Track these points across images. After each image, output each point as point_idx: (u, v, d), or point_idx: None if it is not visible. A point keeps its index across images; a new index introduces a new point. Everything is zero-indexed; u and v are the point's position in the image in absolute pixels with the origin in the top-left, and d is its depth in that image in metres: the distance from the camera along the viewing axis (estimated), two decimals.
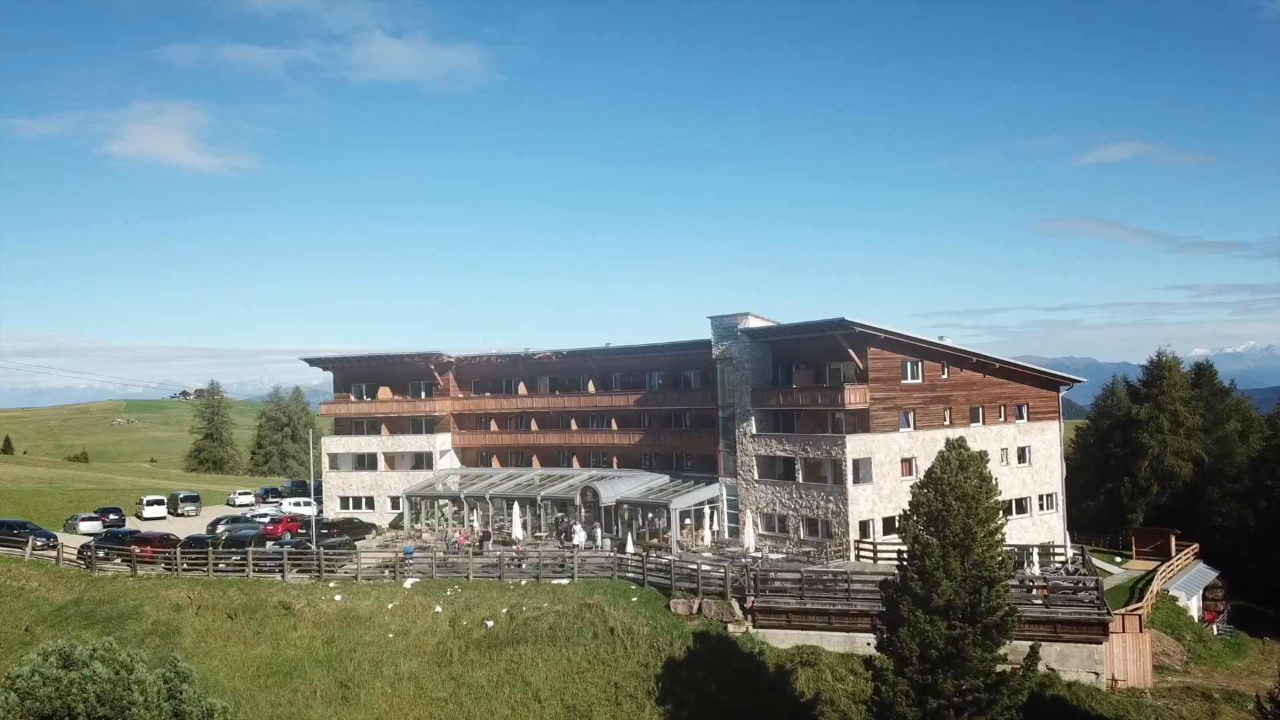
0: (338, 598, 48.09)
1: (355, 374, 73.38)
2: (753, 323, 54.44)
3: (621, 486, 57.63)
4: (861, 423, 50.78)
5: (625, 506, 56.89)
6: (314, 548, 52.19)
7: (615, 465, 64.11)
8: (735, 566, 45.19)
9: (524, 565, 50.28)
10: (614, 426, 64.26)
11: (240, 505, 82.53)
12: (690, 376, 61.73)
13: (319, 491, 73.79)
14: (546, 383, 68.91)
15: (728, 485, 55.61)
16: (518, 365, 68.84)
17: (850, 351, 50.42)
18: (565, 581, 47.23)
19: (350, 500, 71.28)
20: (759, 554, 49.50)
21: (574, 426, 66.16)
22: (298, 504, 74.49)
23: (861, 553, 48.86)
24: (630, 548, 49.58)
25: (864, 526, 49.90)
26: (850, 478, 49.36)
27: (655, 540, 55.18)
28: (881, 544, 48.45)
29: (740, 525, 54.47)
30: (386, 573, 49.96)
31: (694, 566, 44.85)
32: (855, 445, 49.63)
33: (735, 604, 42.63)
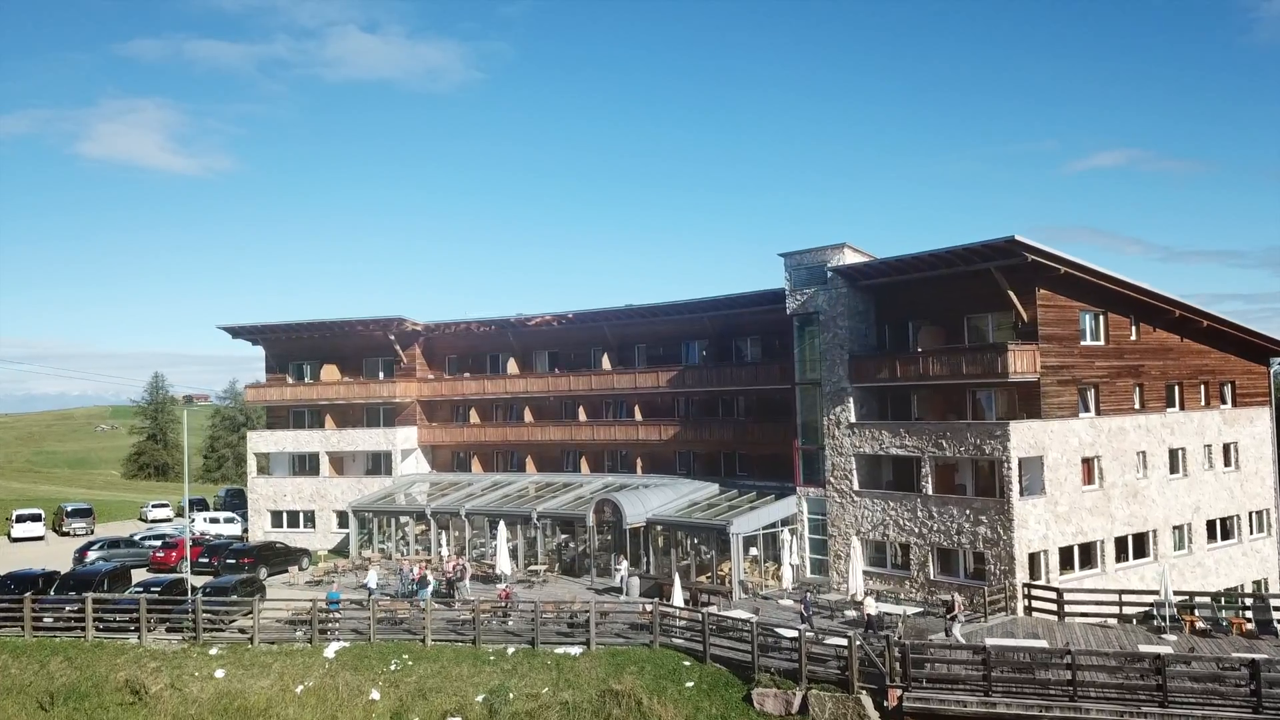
0: (219, 673, 30.68)
1: (293, 348, 55.93)
2: (850, 258, 37.17)
3: (653, 500, 40.23)
4: (1027, 404, 33.53)
5: (659, 529, 39.49)
6: (198, 591, 34.64)
7: (639, 469, 46.79)
8: (855, 630, 27.76)
9: (511, 620, 32.96)
10: (637, 416, 46.97)
11: (154, 520, 65.07)
12: (745, 345, 44.52)
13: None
14: (545, 358, 51.58)
15: (810, 499, 38.25)
16: (506, 335, 51.50)
17: (1011, 294, 33.08)
18: (577, 650, 29.97)
19: (284, 515, 53.81)
20: (892, 609, 31.28)
21: (582, 416, 48.82)
22: (215, 520, 57.00)
23: (1035, 602, 31.56)
24: (678, 596, 31.93)
25: (1033, 561, 32.56)
26: (1016, 487, 32.02)
27: (704, 579, 37.78)
28: (1069, 588, 31.11)
29: (834, 558, 37.14)
30: (300, 632, 32.50)
31: (792, 632, 27.42)
32: (1022, 437, 32.30)
33: (867, 701, 25.22)
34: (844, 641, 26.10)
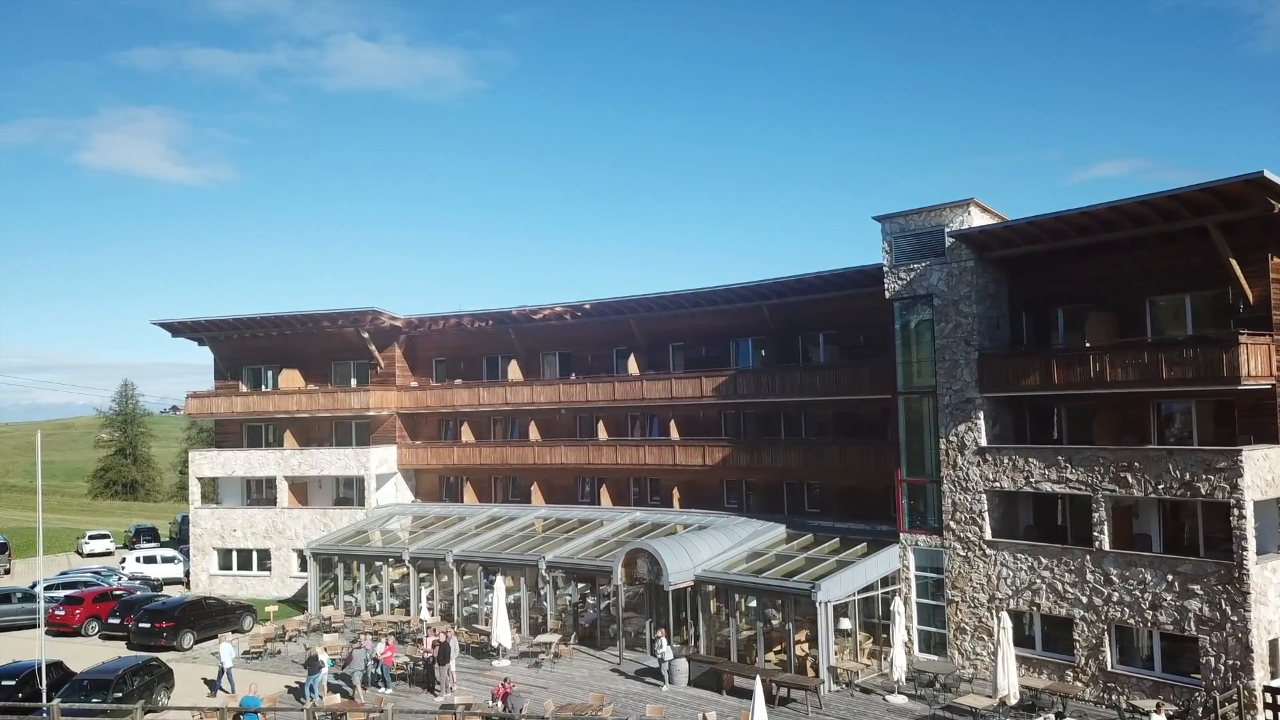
0: None
1: (246, 350, 45.98)
2: (977, 219, 27.09)
3: (702, 549, 29.99)
4: (1249, 421, 23.38)
5: (710, 589, 29.27)
6: (68, 684, 24.44)
7: (676, 502, 36.71)
8: None
9: None
10: (673, 435, 36.84)
11: (92, 555, 55.21)
12: (817, 342, 34.43)
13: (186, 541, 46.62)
14: (555, 361, 41.56)
15: (919, 549, 28.06)
16: (507, 332, 41.46)
17: (1234, 264, 22.92)
18: None
19: (234, 555, 43.84)
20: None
21: (603, 434, 38.75)
22: (151, 559, 47.00)
23: None
24: (760, 709, 21.53)
25: (1272, 650, 22.38)
26: (1252, 543, 21.85)
27: (774, 658, 27.57)
28: None
29: (954, 632, 26.93)
30: None
31: None
32: (1258, 471, 22.13)
33: None
34: None
